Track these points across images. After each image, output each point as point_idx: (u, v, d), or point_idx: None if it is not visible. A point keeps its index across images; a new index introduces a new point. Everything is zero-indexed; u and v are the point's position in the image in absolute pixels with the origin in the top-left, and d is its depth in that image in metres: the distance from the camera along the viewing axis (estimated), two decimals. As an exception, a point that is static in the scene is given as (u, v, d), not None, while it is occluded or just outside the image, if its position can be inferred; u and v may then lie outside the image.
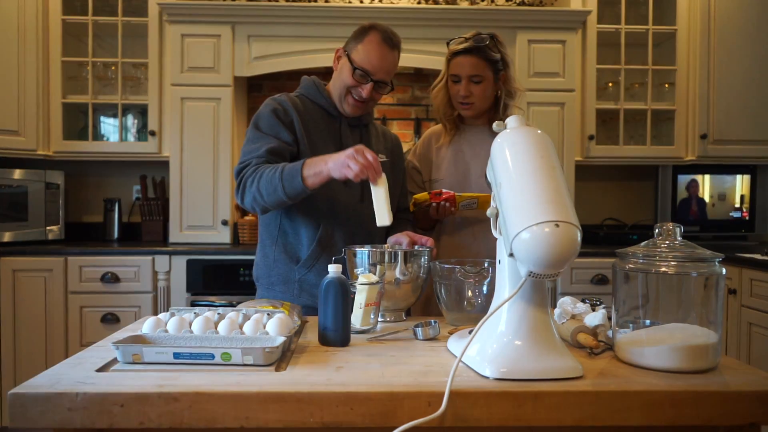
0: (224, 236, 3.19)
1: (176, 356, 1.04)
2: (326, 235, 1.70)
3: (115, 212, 3.42)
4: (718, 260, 1.09)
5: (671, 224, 1.13)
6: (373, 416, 0.93)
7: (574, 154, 3.30)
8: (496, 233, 1.10)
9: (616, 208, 3.75)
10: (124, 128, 3.34)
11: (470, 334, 1.04)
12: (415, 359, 1.13)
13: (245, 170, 1.59)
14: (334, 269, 1.25)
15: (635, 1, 3.46)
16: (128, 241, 3.43)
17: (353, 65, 1.68)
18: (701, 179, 3.58)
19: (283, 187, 1.50)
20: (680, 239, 1.12)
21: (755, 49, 3.37)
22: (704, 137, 3.37)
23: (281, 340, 1.09)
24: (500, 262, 1.09)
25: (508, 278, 1.06)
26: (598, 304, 1.34)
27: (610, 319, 1.20)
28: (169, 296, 2.99)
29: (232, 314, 1.24)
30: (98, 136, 3.43)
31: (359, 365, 1.08)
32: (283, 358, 1.11)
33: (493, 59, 1.87)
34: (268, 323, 1.17)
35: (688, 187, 3.57)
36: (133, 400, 0.91)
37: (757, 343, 2.72)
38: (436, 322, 1.31)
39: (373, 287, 1.32)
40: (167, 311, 1.28)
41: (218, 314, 1.26)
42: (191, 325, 1.19)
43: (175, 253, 3.00)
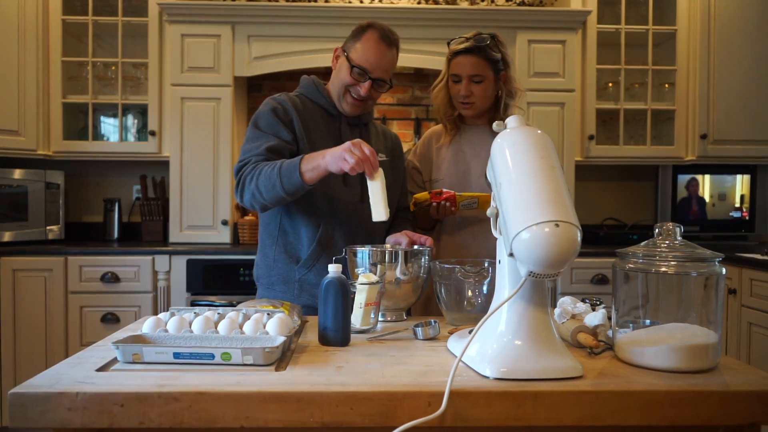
0: (224, 236, 3.19)
1: (176, 356, 1.04)
2: (326, 234, 1.69)
3: (115, 212, 3.42)
4: (718, 260, 1.09)
5: (671, 224, 1.13)
6: (373, 416, 0.93)
7: (574, 154, 3.30)
8: (496, 233, 1.10)
9: (616, 208, 3.75)
10: (124, 128, 3.35)
11: (470, 334, 1.04)
12: (415, 359, 1.13)
13: (244, 168, 1.59)
14: (334, 269, 1.25)
15: (635, 1, 3.46)
16: (128, 241, 3.43)
17: (351, 64, 1.68)
18: (701, 179, 3.58)
19: (281, 182, 1.50)
20: (680, 239, 1.12)
21: (755, 49, 3.37)
22: (704, 137, 3.37)
23: (281, 340, 1.09)
24: (500, 262, 1.09)
25: (508, 278, 1.06)
26: (598, 304, 1.34)
27: (610, 319, 1.20)
28: (169, 296, 2.99)
29: (232, 314, 1.24)
30: (98, 136, 3.43)
31: (359, 365, 1.08)
32: (283, 358, 1.11)
33: (493, 59, 1.87)
34: (268, 323, 1.17)
35: (688, 186, 3.57)
36: (133, 400, 0.91)
37: (757, 343, 2.72)
38: (436, 322, 1.31)
39: (373, 287, 1.32)
40: (167, 311, 1.28)
41: (218, 314, 1.26)
42: (191, 325, 1.19)
43: (175, 253, 3.00)
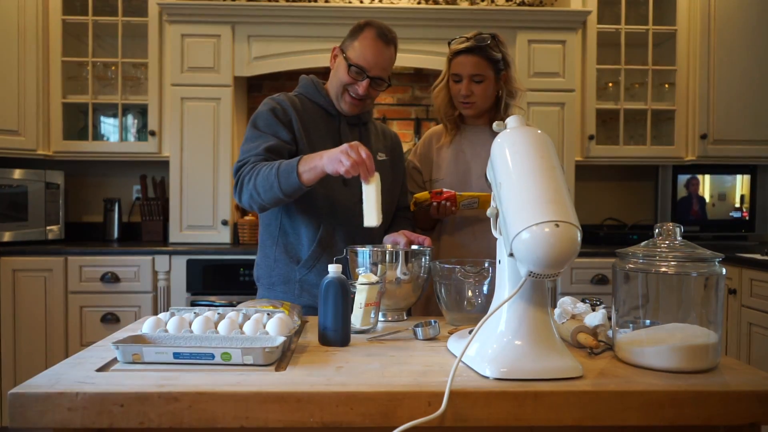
0: (224, 236, 3.19)
1: (176, 356, 1.04)
2: (327, 235, 1.69)
3: (115, 212, 3.42)
4: (718, 260, 1.09)
5: (671, 224, 1.13)
6: (373, 416, 0.93)
7: (574, 154, 3.30)
8: (496, 233, 1.10)
9: (616, 208, 3.75)
10: (124, 128, 3.34)
11: (470, 334, 1.04)
12: (415, 359, 1.13)
13: (243, 168, 1.59)
14: (334, 269, 1.25)
15: (635, 1, 3.46)
16: (128, 241, 3.43)
17: (349, 63, 1.68)
18: (701, 179, 3.58)
19: (279, 183, 1.49)
20: (680, 239, 1.12)
21: (755, 49, 3.37)
22: (704, 137, 3.37)
23: (281, 340, 1.09)
24: (500, 262, 1.09)
25: (508, 278, 1.06)
26: (598, 304, 1.34)
27: (610, 319, 1.20)
28: (169, 296, 2.99)
29: (232, 314, 1.24)
30: (98, 136, 3.43)
31: (359, 365, 1.08)
32: (283, 358, 1.11)
33: (494, 59, 1.87)
34: (268, 323, 1.17)
35: (688, 186, 3.57)
36: (133, 400, 0.91)
37: (757, 343, 2.72)
38: (436, 322, 1.31)
39: (373, 287, 1.32)
40: (167, 311, 1.28)
41: (218, 314, 1.26)
42: (191, 325, 1.19)
43: (175, 253, 3.00)
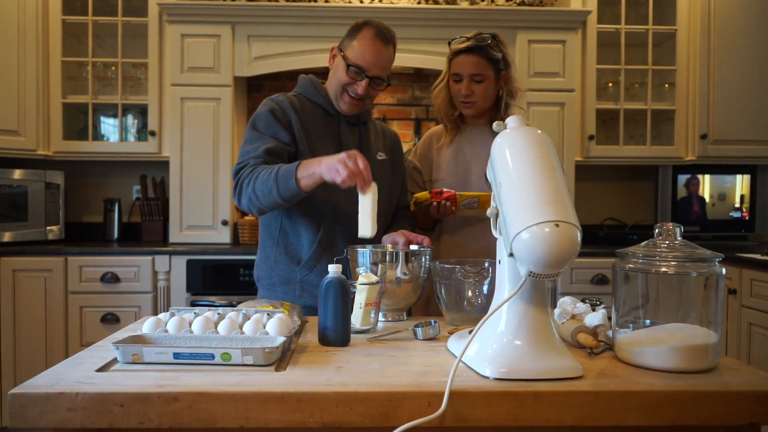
0: (224, 236, 3.19)
1: (176, 356, 1.04)
2: (327, 236, 1.69)
3: (115, 212, 3.42)
4: (718, 260, 1.09)
5: (671, 224, 1.13)
6: (373, 416, 0.93)
7: (574, 154, 3.30)
8: (496, 233, 1.10)
9: (616, 208, 3.75)
10: (124, 128, 3.34)
11: (470, 334, 1.04)
12: (415, 359, 1.13)
13: (242, 171, 1.59)
14: (334, 269, 1.25)
15: (635, 1, 3.46)
16: (128, 241, 3.43)
17: (347, 62, 1.67)
18: (701, 179, 3.58)
19: (277, 188, 1.49)
20: (680, 239, 1.12)
21: (755, 49, 3.37)
22: (704, 137, 3.37)
23: (281, 340, 1.09)
24: (500, 262, 1.09)
25: (508, 278, 1.06)
26: (598, 304, 1.34)
27: (610, 319, 1.20)
28: (169, 296, 2.99)
29: (232, 314, 1.24)
30: (98, 136, 3.43)
31: (359, 365, 1.08)
32: (283, 358, 1.11)
33: (494, 58, 1.87)
34: (268, 323, 1.17)
35: (688, 186, 3.57)
36: (133, 400, 0.91)
37: (757, 343, 2.72)
38: (436, 322, 1.31)
39: (373, 287, 1.32)
40: (167, 311, 1.28)
41: (218, 314, 1.26)
42: (191, 325, 1.19)
43: (175, 253, 3.00)
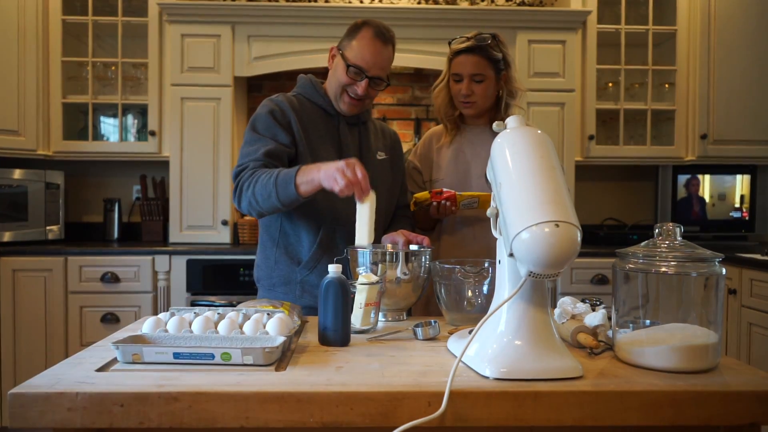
0: (224, 236, 3.19)
1: (176, 356, 1.04)
2: (327, 236, 1.69)
3: (115, 212, 3.42)
4: (718, 260, 1.09)
5: (671, 224, 1.13)
6: (373, 416, 0.93)
7: (574, 154, 3.30)
8: (496, 233, 1.10)
9: (616, 208, 3.75)
10: (124, 128, 3.34)
11: (470, 334, 1.04)
12: (415, 359, 1.13)
13: (242, 174, 1.58)
14: (334, 269, 1.25)
15: (635, 1, 3.46)
16: (128, 241, 3.43)
17: (347, 63, 1.66)
18: (701, 179, 3.58)
19: (277, 193, 1.49)
20: (680, 239, 1.12)
21: (755, 49, 3.37)
22: (704, 137, 3.37)
23: (281, 340, 1.09)
24: (500, 262, 1.09)
25: (508, 278, 1.06)
26: (598, 304, 1.34)
27: (610, 319, 1.20)
28: (169, 296, 2.99)
29: (232, 314, 1.24)
30: (98, 136, 3.43)
31: (359, 365, 1.08)
32: (283, 358, 1.11)
33: (495, 58, 1.87)
34: (268, 323, 1.17)
35: (688, 186, 3.57)
36: (133, 400, 0.91)
37: (757, 343, 2.72)
38: (436, 322, 1.31)
39: (373, 287, 1.32)
40: (167, 311, 1.28)
41: (218, 314, 1.26)
42: (191, 325, 1.19)
43: (175, 253, 3.00)
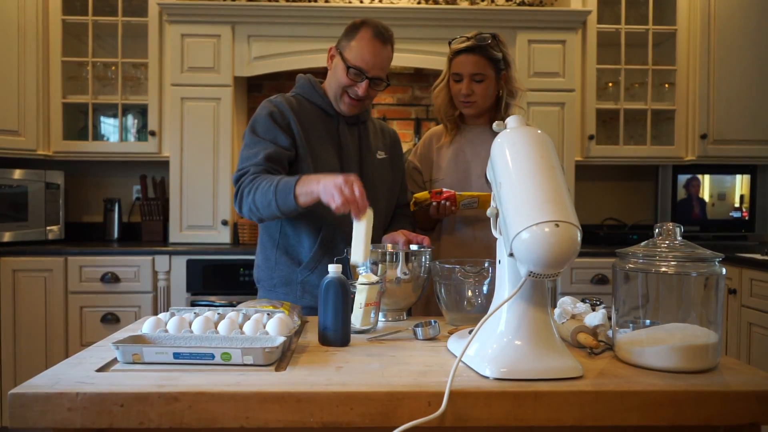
0: (224, 236, 3.19)
1: (176, 356, 1.04)
2: (328, 237, 1.69)
3: (115, 212, 3.42)
4: (718, 260, 1.09)
5: (671, 224, 1.13)
6: (373, 416, 0.93)
7: (574, 154, 3.30)
8: (496, 233, 1.10)
9: (616, 208, 3.75)
10: (124, 128, 3.34)
11: (470, 334, 1.04)
12: (415, 359, 1.13)
13: (243, 179, 1.58)
14: (334, 269, 1.25)
15: (635, 1, 3.46)
16: (128, 241, 3.43)
17: (347, 64, 1.65)
18: (701, 179, 3.58)
19: (276, 202, 1.49)
20: (680, 239, 1.12)
21: (755, 49, 3.37)
22: (704, 137, 3.37)
23: (281, 340, 1.09)
24: (500, 262, 1.09)
25: (508, 278, 1.06)
26: (598, 304, 1.34)
27: (610, 319, 1.20)
28: (169, 296, 2.99)
29: (232, 314, 1.24)
30: (98, 136, 3.43)
31: (359, 365, 1.08)
32: (283, 358, 1.11)
33: (495, 58, 1.87)
34: (268, 323, 1.17)
35: (687, 186, 3.57)
36: (133, 400, 0.91)
37: (757, 343, 2.72)
38: (436, 322, 1.31)
39: (373, 287, 1.32)
40: (167, 311, 1.28)
41: (218, 314, 1.26)
42: (191, 325, 1.19)
43: (175, 253, 3.00)
